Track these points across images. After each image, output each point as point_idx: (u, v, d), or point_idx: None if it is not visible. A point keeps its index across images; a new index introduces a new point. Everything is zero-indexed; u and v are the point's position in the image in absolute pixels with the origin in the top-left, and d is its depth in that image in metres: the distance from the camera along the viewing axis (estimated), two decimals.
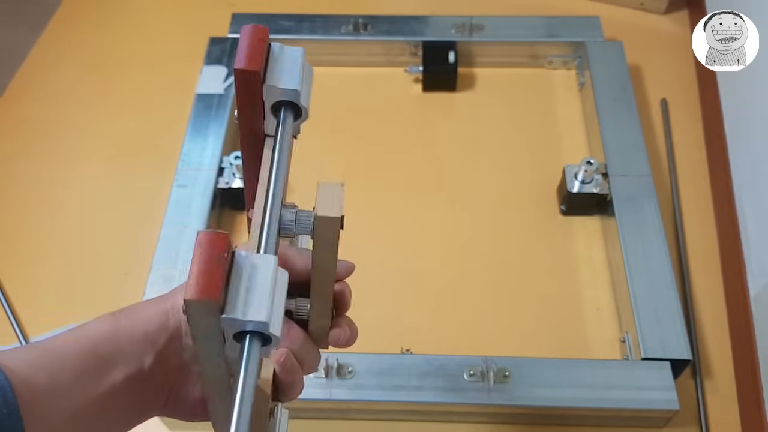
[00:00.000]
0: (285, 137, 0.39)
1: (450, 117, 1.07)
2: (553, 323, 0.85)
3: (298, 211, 0.38)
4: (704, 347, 0.83)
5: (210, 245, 0.31)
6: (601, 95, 0.99)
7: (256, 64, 0.36)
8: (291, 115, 0.39)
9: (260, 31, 0.37)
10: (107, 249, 0.93)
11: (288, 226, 0.37)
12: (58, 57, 1.17)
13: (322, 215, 0.37)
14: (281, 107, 0.39)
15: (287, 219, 0.37)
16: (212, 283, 0.30)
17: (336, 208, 0.37)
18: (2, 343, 0.85)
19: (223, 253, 0.31)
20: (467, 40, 1.07)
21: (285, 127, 0.39)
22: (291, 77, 0.38)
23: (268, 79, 0.37)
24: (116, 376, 0.38)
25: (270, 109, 0.39)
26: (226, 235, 0.31)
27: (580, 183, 0.90)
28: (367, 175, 1.00)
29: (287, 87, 0.38)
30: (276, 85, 0.38)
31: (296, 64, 0.39)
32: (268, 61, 0.38)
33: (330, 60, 1.11)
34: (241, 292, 0.31)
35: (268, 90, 0.38)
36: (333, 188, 0.38)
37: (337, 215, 0.37)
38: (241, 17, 1.11)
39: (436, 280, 0.89)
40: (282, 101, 0.38)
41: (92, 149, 1.04)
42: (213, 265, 0.30)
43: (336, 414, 0.77)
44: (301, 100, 0.38)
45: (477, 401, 0.73)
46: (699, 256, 0.90)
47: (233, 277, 0.31)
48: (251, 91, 0.37)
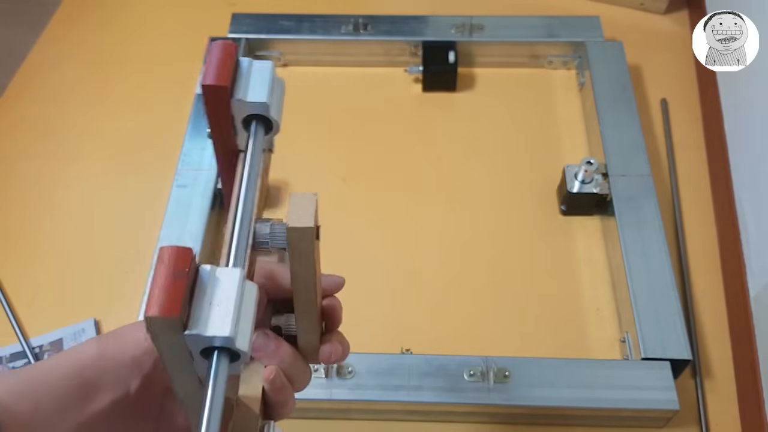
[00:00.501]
0: (256, 151, 0.38)
1: (450, 117, 1.07)
2: (553, 323, 0.85)
3: (272, 224, 0.37)
4: (704, 347, 0.83)
5: (172, 260, 0.30)
6: (601, 95, 0.99)
7: (223, 79, 0.36)
8: (262, 128, 0.39)
9: (228, 47, 0.38)
10: (107, 249, 0.93)
11: (263, 240, 0.37)
12: (58, 57, 1.17)
13: (294, 226, 0.35)
14: (252, 121, 0.39)
15: (262, 233, 0.37)
16: (173, 298, 0.29)
17: (309, 218, 0.35)
18: (2, 344, 0.85)
19: (185, 268, 0.30)
20: (467, 40, 1.07)
21: (256, 141, 0.38)
22: (259, 90, 0.38)
23: (236, 93, 0.38)
24: (102, 402, 0.37)
25: (241, 124, 0.39)
26: (189, 249, 0.31)
27: (580, 183, 0.90)
28: (367, 175, 1.00)
29: (255, 100, 0.38)
30: (244, 99, 0.38)
31: (265, 77, 0.39)
32: (236, 76, 0.38)
33: (330, 60, 1.11)
34: (204, 307, 0.30)
35: (237, 104, 0.38)
36: (305, 198, 0.36)
37: (310, 225, 0.35)
38: (241, 17, 1.11)
39: (436, 280, 0.89)
40: (252, 115, 0.38)
41: (92, 149, 1.04)
42: (174, 280, 0.29)
43: (336, 414, 0.77)
44: (271, 112, 0.38)
45: (477, 401, 0.74)
46: (699, 256, 0.90)
47: (197, 291, 0.31)
48: (220, 107, 0.37)
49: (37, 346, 0.84)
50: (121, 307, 0.86)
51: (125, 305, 0.85)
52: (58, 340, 0.85)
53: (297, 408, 0.80)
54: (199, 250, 0.85)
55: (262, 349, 0.41)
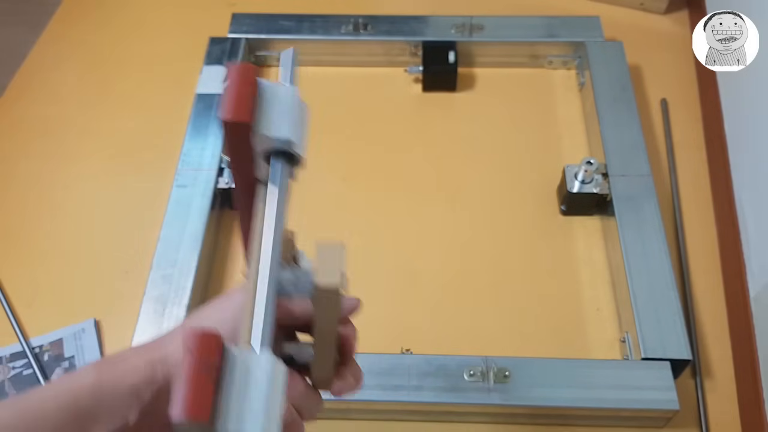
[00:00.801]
0: (281, 185, 0.36)
1: (450, 117, 1.07)
2: (553, 323, 0.85)
3: (296, 272, 0.35)
4: (704, 347, 0.83)
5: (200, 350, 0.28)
6: (601, 95, 0.99)
7: (243, 114, 0.34)
8: (285, 162, 0.36)
9: (248, 71, 0.35)
10: (107, 249, 0.93)
11: (287, 289, 0.35)
12: (58, 57, 1.17)
13: (323, 285, 0.34)
14: (274, 154, 0.36)
15: (286, 280, 0.35)
16: (202, 400, 0.28)
17: (336, 275, 0.34)
18: (2, 344, 0.85)
19: (214, 359, 0.28)
20: (467, 40, 1.07)
21: (279, 176, 0.36)
22: (282, 123, 0.35)
23: (257, 127, 0.35)
24: None
25: (262, 156, 0.36)
26: (217, 336, 0.29)
27: (580, 183, 0.90)
28: (367, 175, 1.00)
29: (279, 136, 0.35)
30: (266, 134, 0.35)
31: (288, 106, 0.36)
32: (257, 105, 0.35)
33: (330, 60, 1.11)
34: (233, 405, 0.29)
35: (259, 139, 0.35)
36: (333, 250, 0.35)
37: (337, 284, 0.34)
38: (241, 17, 1.11)
39: (436, 280, 0.89)
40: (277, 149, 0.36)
41: (92, 149, 1.04)
42: (203, 376, 0.28)
43: (336, 414, 0.77)
44: (295, 147, 0.36)
45: (477, 401, 0.74)
46: (699, 256, 0.90)
47: (225, 386, 0.29)
48: (241, 141, 0.35)
49: (37, 346, 0.84)
50: (121, 307, 0.86)
51: (125, 305, 0.85)
52: (58, 340, 0.85)
53: None
54: (199, 249, 0.85)
55: None
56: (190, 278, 0.83)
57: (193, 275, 0.83)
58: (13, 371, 0.83)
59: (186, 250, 0.85)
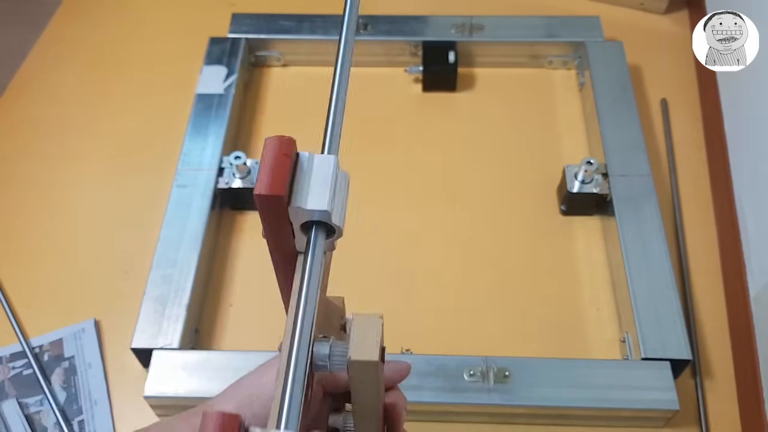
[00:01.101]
0: (316, 258, 0.35)
1: (450, 117, 1.07)
2: (553, 323, 0.85)
3: (332, 345, 0.34)
4: (704, 347, 0.83)
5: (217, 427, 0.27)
6: (601, 95, 0.99)
7: (278, 187, 0.32)
8: (323, 233, 0.36)
9: (286, 144, 0.34)
10: (107, 249, 0.93)
11: (321, 363, 0.34)
12: (58, 57, 1.17)
13: (357, 360, 0.33)
14: (312, 225, 0.35)
15: (320, 354, 0.34)
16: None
17: (373, 349, 0.33)
18: (2, 344, 0.85)
19: None
20: (467, 40, 1.07)
21: (316, 248, 0.35)
22: (320, 195, 0.34)
23: (293, 200, 0.34)
24: None
25: (300, 228, 0.35)
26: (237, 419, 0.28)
27: (580, 183, 0.90)
28: (367, 175, 1.00)
29: (315, 208, 0.34)
30: (303, 207, 0.34)
31: (327, 177, 0.35)
32: (294, 177, 0.34)
33: (330, 60, 1.10)
34: None
35: (295, 212, 0.34)
36: (369, 323, 0.34)
37: (374, 359, 0.33)
38: (241, 17, 1.11)
39: (436, 280, 0.89)
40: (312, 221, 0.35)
41: (92, 149, 1.04)
42: None
43: None
44: (333, 218, 0.35)
45: (477, 401, 0.74)
46: (699, 256, 0.90)
47: None
48: (276, 214, 0.34)
49: (37, 346, 0.84)
50: (121, 307, 0.86)
51: (125, 305, 0.85)
52: (58, 340, 0.85)
53: None
54: (199, 249, 0.85)
55: None
56: (190, 278, 0.83)
57: (193, 275, 0.83)
58: (13, 371, 0.83)
59: (186, 250, 0.85)
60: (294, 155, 0.34)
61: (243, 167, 0.91)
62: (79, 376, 0.82)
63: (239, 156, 0.91)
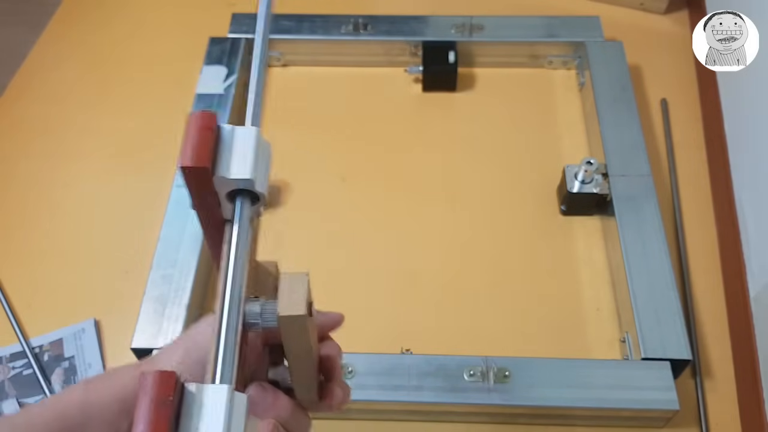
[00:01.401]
0: (243, 225, 0.37)
1: (450, 117, 1.07)
2: (553, 323, 0.85)
3: (263, 304, 0.36)
4: (704, 347, 0.83)
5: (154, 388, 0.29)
6: (601, 95, 0.99)
7: (202, 159, 0.34)
8: (248, 201, 0.37)
9: (207, 118, 0.36)
10: (107, 249, 0.93)
11: (253, 321, 0.36)
12: (58, 57, 1.17)
13: (285, 314, 0.35)
14: (237, 194, 0.37)
15: (252, 312, 0.36)
16: None
17: (300, 304, 0.35)
18: (2, 344, 0.85)
19: (169, 396, 0.29)
20: (467, 40, 1.07)
21: (242, 215, 0.37)
22: (243, 165, 0.36)
23: (217, 170, 0.35)
24: None
25: (225, 197, 0.37)
26: (172, 373, 0.29)
27: (580, 183, 0.90)
28: (367, 175, 1.00)
29: (239, 176, 0.36)
30: (226, 176, 0.36)
31: (249, 147, 0.36)
32: (217, 149, 0.36)
33: (330, 60, 1.11)
34: None
35: (220, 181, 0.36)
36: (296, 280, 0.35)
37: (301, 312, 0.35)
38: (241, 17, 1.11)
39: (436, 280, 0.89)
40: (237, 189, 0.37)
41: (92, 149, 1.04)
42: (158, 413, 0.28)
43: (336, 414, 0.77)
44: (257, 186, 0.36)
45: (477, 401, 0.74)
46: (699, 256, 0.90)
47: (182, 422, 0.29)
48: (202, 185, 0.36)
49: (37, 346, 0.84)
50: (121, 307, 0.86)
51: (125, 305, 0.85)
52: (58, 340, 0.85)
53: None
54: (199, 249, 0.85)
55: (259, 403, 0.40)
56: (190, 278, 0.83)
57: (193, 275, 0.83)
58: (13, 371, 0.83)
59: (186, 250, 0.85)
60: (216, 128, 0.36)
61: None
62: (79, 376, 0.82)
63: None
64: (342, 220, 0.95)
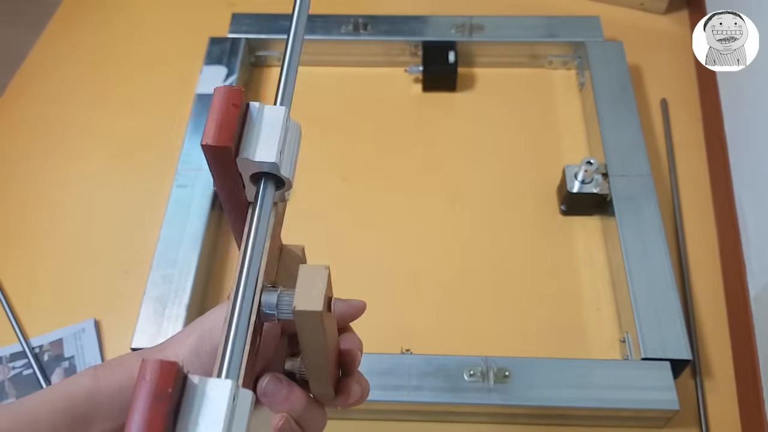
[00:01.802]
0: (264, 209, 0.35)
1: (450, 117, 1.07)
2: (553, 323, 0.85)
3: (280, 294, 0.34)
4: (704, 347, 0.83)
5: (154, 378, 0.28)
6: (601, 95, 0.99)
7: (225, 138, 0.32)
8: (272, 185, 0.35)
9: (234, 94, 0.33)
10: (107, 248, 0.93)
11: (269, 312, 0.34)
12: (58, 57, 1.17)
13: (301, 309, 0.33)
14: (261, 177, 0.35)
15: (268, 303, 0.34)
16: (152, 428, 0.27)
17: (317, 299, 0.33)
18: (2, 344, 0.85)
19: (168, 388, 0.27)
20: (467, 40, 1.07)
21: (264, 199, 0.35)
22: (268, 147, 0.34)
23: (242, 151, 0.33)
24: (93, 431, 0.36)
25: (249, 179, 0.35)
26: (174, 364, 0.28)
27: (580, 183, 0.90)
28: (367, 175, 1.00)
29: (264, 160, 0.34)
30: (250, 158, 0.33)
31: (276, 128, 0.34)
32: (243, 128, 0.34)
33: (330, 60, 1.11)
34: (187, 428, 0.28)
35: (243, 163, 0.34)
36: (315, 272, 0.33)
37: (318, 309, 0.33)
38: (241, 17, 1.11)
39: (436, 280, 0.89)
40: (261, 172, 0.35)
41: (92, 148, 1.04)
42: (156, 404, 0.27)
43: (336, 414, 0.77)
44: (282, 170, 0.34)
45: (477, 401, 0.74)
46: (699, 256, 0.90)
47: (182, 415, 0.28)
48: (225, 165, 0.34)
49: (37, 346, 0.84)
50: (121, 307, 0.86)
51: (125, 305, 0.85)
52: (58, 340, 0.85)
53: None
54: (199, 249, 0.85)
55: (272, 395, 0.39)
56: (190, 278, 0.83)
57: (193, 275, 0.83)
58: (13, 371, 0.83)
59: (186, 250, 0.85)
60: (243, 105, 0.34)
61: None
62: None
63: None
64: (342, 220, 0.95)
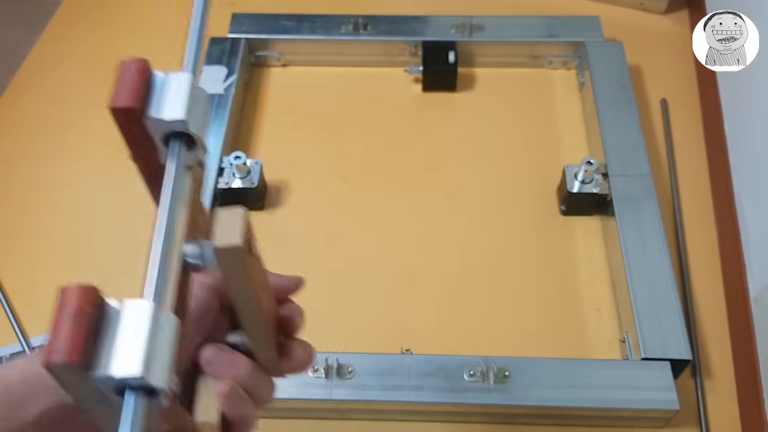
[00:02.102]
0: (178, 167, 0.36)
1: (450, 117, 1.07)
2: (553, 323, 0.85)
3: (202, 243, 0.35)
4: (704, 347, 0.83)
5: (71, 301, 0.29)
6: (601, 95, 0.99)
7: (130, 99, 0.34)
8: (182, 144, 0.36)
9: (138, 63, 0.36)
10: (107, 248, 0.93)
11: (194, 262, 0.35)
12: (58, 57, 1.17)
13: (220, 246, 0.33)
14: (172, 137, 0.36)
15: (191, 254, 0.35)
16: (73, 342, 0.28)
17: (236, 235, 0.33)
18: (2, 344, 0.85)
19: (87, 307, 0.28)
20: (467, 40, 1.07)
21: (178, 158, 0.36)
22: (175, 106, 0.35)
23: (149, 112, 0.35)
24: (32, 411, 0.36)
25: (161, 141, 0.36)
26: (93, 288, 0.29)
27: (580, 183, 0.90)
28: (367, 175, 1.00)
29: (171, 118, 0.35)
30: (157, 117, 0.35)
31: (182, 91, 0.36)
32: (149, 93, 0.35)
33: (330, 60, 1.11)
34: (108, 347, 0.29)
35: (152, 123, 0.35)
36: (231, 214, 0.34)
37: (237, 243, 0.33)
38: (241, 17, 1.11)
39: (436, 280, 0.89)
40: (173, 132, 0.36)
41: (92, 148, 1.04)
42: (74, 322, 0.28)
43: (336, 414, 0.77)
44: (191, 127, 0.35)
45: (477, 401, 0.74)
46: (699, 256, 0.90)
47: (102, 331, 0.29)
48: (134, 128, 0.35)
49: (37, 346, 0.84)
50: None
51: None
52: None
53: (297, 408, 0.80)
54: None
55: (216, 363, 0.38)
56: None
57: None
58: None
59: None
60: (148, 73, 0.36)
61: (243, 167, 0.91)
62: None
63: (239, 156, 0.91)
64: (342, 220, 0.95)
